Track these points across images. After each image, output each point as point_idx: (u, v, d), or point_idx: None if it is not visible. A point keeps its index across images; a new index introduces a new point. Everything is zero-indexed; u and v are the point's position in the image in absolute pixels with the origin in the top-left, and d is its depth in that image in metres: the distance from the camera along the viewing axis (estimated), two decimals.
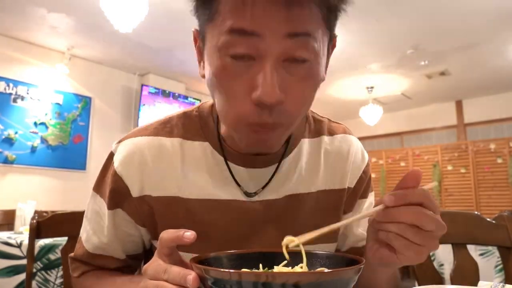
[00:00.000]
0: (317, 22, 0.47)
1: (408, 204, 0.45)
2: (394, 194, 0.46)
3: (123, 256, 0.65)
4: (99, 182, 0.65)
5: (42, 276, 1.75)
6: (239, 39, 0.46)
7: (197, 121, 0.64)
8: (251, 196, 0.61)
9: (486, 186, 5.43)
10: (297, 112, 0.51)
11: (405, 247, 0.46)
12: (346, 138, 0.70)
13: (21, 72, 3.97)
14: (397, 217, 0.45)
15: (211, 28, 0.49)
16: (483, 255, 1.88)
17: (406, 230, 0.45)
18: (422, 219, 0.44)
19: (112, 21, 2.84)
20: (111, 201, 0.62)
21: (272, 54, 0.46)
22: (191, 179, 0.61)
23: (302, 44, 0.47)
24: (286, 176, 0.64)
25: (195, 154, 0.62)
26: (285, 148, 0.64)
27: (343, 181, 0.67)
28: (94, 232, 0.64)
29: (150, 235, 0.64)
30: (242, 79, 0.48)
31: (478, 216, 0.99)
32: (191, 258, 0.42)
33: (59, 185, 4.18)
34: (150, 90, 4.80)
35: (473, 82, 5.26)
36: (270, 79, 0.45)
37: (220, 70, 0.48)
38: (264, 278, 0.34)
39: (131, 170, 0.60)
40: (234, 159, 0.62)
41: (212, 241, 0.60)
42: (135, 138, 0.62)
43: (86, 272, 0.66)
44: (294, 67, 0.48)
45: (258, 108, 0.47)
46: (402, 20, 3.49)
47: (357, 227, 0.70)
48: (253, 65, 0.47)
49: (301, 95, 0.50)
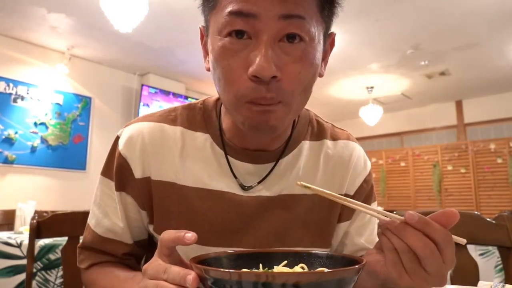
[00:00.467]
0: (311, 9, 0.51)
1: (425, 234, 0.42)
2: (420, 216, 0.43)
3: (131, 241, 0.66)
4: (106, 165, 0.67)
5: (42, 276, 1.75)
6: (237, 19, 0.49)
7: (201, 113, 0.66)
8: (246, 190, 0.62)
9: (486, 186, 5.43)
10: (294, 90, 0.52)
11: (393, 264, 0.44)
12: (349, 145, 0.71)
13: (21, 72, 3.98)
14: (406, 236, 0.43)
15: (214, 16, 0.53)
16: (483, 255, 1.88)
17: (404, 251, 0.43)
18: (427, 255, 0.42)
19: (112, 21, 2.84)
20: (117, 183, 0.64)
21: (268, 33, 0.49)
22: (188, 167, 0.62)
23: (296, 26, 0.50)
24: (283, 175, 0.64)
25: (195, 144, 0.64)
26: (284, 147, 0.65)
27: (341, 187, 0.67)
28: (105, 215, 0.65)
29: (148, 219, 0.65)
30: (240, 57, 0.50)
31: (478, 216, 0.99)
32: (191, 258, 0.42)
33: (59, 185, 4.18)
34: (150, 90, 4.80)
35: (473, 82, 5.26)
36: (265, 54, 0.48)
37: (220, 50, 0.51)
38: (264, 278, 0.34)
39: (134, 151, 0.62)
40: (233, 153, 0.63)
41: (202, 230, 0.60)
42: (140, 122, 0.65)
43: (94, 264, 0.66)
44: (290, 47, 0.50)
45: (255, 84, 0.50)
46: (402, 20, 3.49)
47: (358, 236, 0.69)
48: (250, 44, 0.50)
49: (297, 74, 0.51)
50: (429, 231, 0.42)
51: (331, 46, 0.60)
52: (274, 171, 0.63)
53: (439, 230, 0.42)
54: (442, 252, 0.42)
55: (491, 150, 5.44)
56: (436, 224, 0.43)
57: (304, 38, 0.50)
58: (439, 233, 0.42)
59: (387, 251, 0.45)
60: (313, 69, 0.53)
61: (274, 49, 0.49)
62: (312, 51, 0.52)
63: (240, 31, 0.50)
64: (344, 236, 0.70)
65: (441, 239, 0.42)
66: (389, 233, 0.44)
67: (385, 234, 0.45)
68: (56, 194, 4.14)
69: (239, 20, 0.49)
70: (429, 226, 0.42)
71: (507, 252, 0.94)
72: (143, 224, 0.67)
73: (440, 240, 0.42)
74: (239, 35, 0.50)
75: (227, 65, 0.51)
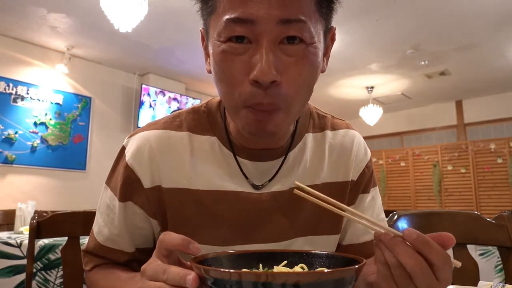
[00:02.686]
0: (309, 10, 0.50)
1: (422, 253, 0.41)
2: (419, 234, 0.41)
3: (133, 249, 0.66)
4: (110, 175, 0.67)
5: (42, 276, 1.75)
6: (236, 25, 0.49)
7: (205, 116, 0.66)
8: (258, 189, 0.63)
9: (486, 186, 5.43)
10: (294, 94, 0.52)
11: (384, 278, 0.44)
12: (349, 133, 0.72)
13: (21, 72, 3.98)
14: (397, 251, 0.42)
15: (213, 20, 0.53)
16: (483, 255, 1.88)
17: (395, 266, 0.42)
18: (417, 273, 0.41)
19: (112, 21, 2.84)
20: (122, 194, 0.63)
21: (268, 37, 0.49)
22: (199, 171, 0.63)
23: (296, 29, 0.49)
24: (292, 169, 0.66)
25: (203, 147, 0.64)
26: (290, 142, 0.66)
27: (346, 174, 0.69)
28: (105, 224, 0.66)
29: (160, 227, 0.65)
30: (240, 62, 0.50)
31: (478, 216, 0.99)
32: (191, 258, 0.42)
33: (59, 185, 4.18)
34: (150, 90, 4.80)
35: (473, 82, 5.26)
36: (265, 59, 0.48)
37: (220, 55, 0.51)
38: (264, 278, 0.34)
39: (142, 162, 0.62)
40: (241, 153, 0.64)
41: (220, 231, 0.62)
42: (145, 132, 0.65)
43: (97, 266, 0.67)
44: (291, 48, 0.50)
45: (254, 89, 0.50)
46: (402, 20, 3.49)
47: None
48: (250, 48, 0.50)
49: (298, 76, 0.51)
50: (427, 251, 0.41)
51: (332, 41, 0.60)
52: (283, 167, 0.65)
53: (437, 252, 0.41)
54: (437, 272, 0.41)
55: (491, 150, 5.44)
56: (435, 245, 0.41)
57: (304, 39, 0.50)
58: (437, 255, 0.41)
59: (379, 264, 0.44)
60: (314, 68, 0.53)
61: (275, 52, 0.49)
62: (312, 51, 0.52)
63: (240, 36, 0.50)
64: (347, 222, 0.71)
65: (437, 261, 0.41)
66: (383, 246, 0.43)
67: (379, 246, 0.44)
68: (56, 194, 4.14)
69: (238, 26, 0.49)
70: (427, 246, 0.41)
71: (507, 252, 0.94)
72: (149, 232, 0.67)
73: (437, 262, 0.41)
74: (239, 39, 0.50)
75: (227, 70, 0.51)
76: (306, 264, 0.47)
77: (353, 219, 0.47)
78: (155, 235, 0.68)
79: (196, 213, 0.62)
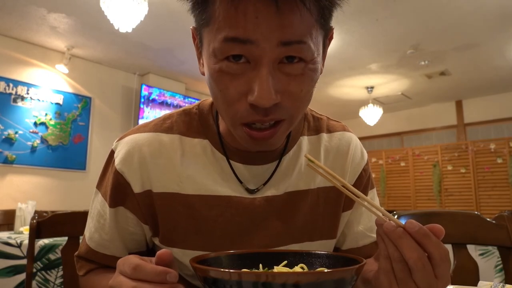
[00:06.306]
0: (310, 25, 0.48)
1: (421, 246, 0.41)
2: (420, 226, 0.41)
3: (125, 254, 0.65)
4: (100, 180, 0.66)
5: (42, 276, 1.75)
6: (233, 45, 0.47)
7: (197, 118, 0.64)
8: (252, 193, 0.62)
9: (486, 186, 5.42)
10: (295, 108, 0.51)
11: (385, 273, 0.44)
12: (345, 136, 0.71)
13: (21, 72, 3.97)
14: (402, 245, 0.41)
15: (208, 33, 0.50)
16: (483, 255, 1.88)
17: (397, 260, 0.42)
18: (418, 268, 0.41)
19: (112, 21, 2.84)
20: (112, 199, 0.62)
21: (267, 59, 0.47)
22: (191, 175, 0.61)
23: (296, 50, 0.47)
24: (286, 173, 0.64)
25: (195, 151, 0.62)
26: (285, 145, 0.64)
27: (343, 178, 0.67)
28: (96, 230, 0.64)
29: (152, 232, 0.64)
30: (238, 81, 0.48)
31: (478, 216, 0.99)
32: (191, 258, 0.42)
33: (59, 185, 4.17)
34: (150, 90, 4.80)
35: (473, 82, 5.26)
36: (265, 83, 0.46)
37: (217, 73, 0.49)
38: (264, 278, 0.34)
39: (131, 166, 0.60)
40: (234, 156, 0.62)
41: (213, 237, 0.60)
42: (134, 135, 0.63)
43: (91, 270, 0.66)
44: (290, 67, 0.49)
45: (253, 110, 0.49)
46: (402, 20, 3.49)
47: (357, 224, 0.70)
48: (248, 68, 0.48)
49: (298, 93, 0.50)
50: (427, 243, 0.41)
51: (329, 40, 0.58)
52: (277, 171, 0.63)
53: (436, 245, 0.41)
54: (436, 267, 0.41)
55: (491, 150, 5.44)
56: (435, 238, 0.41)
57: (304, 58, 0.48)
58: (436, 248, 0.41)
59: (382, 258, 0.44)
60: (314, 81, 0.52)
61: (274, 74, 0.47)
62: (312, 67, 0.50)
63: (237, 55, 0.47)
64: (344, 227, 0.70)
65: (437, 254, 0.41)
66: (387, 239, 0.43)
67: (383, 240, 0.44)
68: (56, 194, 4.14)
69: (237, 46, 0.46)
70: (427, 239, 0.41)
71: (507, 252, 0.94)
72: (142, 238, 0.65)
73: (436, 255, 0.41)
74: (236, 58, 0.48)
75: (224, 89, 0.49)
76: (306, 264, 0.47)
77: (362, 203, 0.46)
78: (147, 240, 0.66)
79: (187, 219, 0.60)
